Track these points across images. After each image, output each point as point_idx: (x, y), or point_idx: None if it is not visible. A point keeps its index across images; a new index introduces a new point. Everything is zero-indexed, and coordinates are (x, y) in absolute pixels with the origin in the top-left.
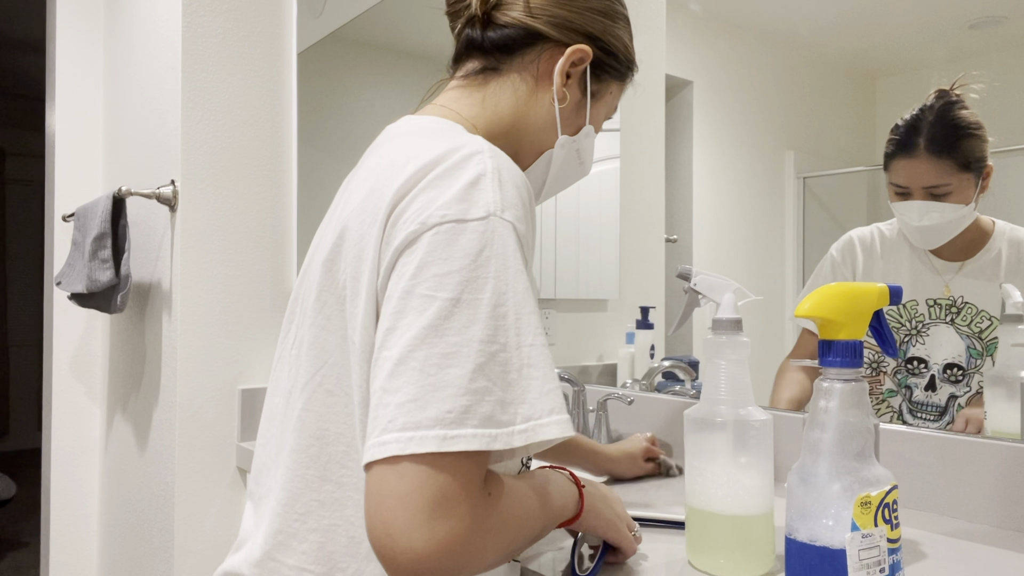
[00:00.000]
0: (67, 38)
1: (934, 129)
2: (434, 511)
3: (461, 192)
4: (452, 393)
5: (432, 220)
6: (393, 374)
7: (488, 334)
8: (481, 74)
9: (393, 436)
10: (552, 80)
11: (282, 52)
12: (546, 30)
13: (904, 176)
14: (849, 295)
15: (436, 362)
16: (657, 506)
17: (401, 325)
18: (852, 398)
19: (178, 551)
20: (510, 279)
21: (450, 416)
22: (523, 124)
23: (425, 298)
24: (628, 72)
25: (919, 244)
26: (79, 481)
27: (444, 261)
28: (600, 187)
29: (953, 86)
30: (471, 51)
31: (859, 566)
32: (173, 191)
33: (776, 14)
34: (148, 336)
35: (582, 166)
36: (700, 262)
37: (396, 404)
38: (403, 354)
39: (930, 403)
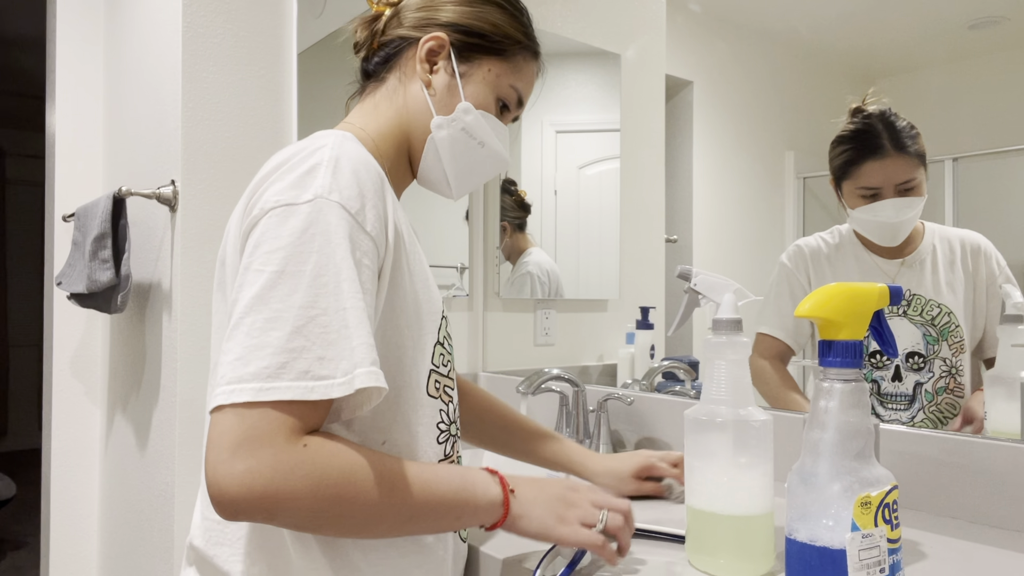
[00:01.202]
0: (67, 38)
1: (891, 131)
2: (236, 450)
3: (296, 180)
4: (271, 352)
5: (268, 205)
6: (228, 338)
7: (309, 300)
8: (370, 87)
9: (220, 389)
10: (415, 75)
11: (282, 52)
12: (406, 33)
13: (877, 177)
14: (849, 295)
15: (260, 326)
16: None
17: (240, 297)
18: (852, 398)
19: (178, 551)
20: (332, 252)
21: (267, 371)
22: (405, 118)
23: (256, 272)
24: (509, 48)
25: (887, 241)
26: (79, 481)
27: (274, 239)
28: (600, 187)
29: (864, 100)
30: (367, 76)
31: (859, 566)
32: (173, 191)
33: (776, 14)
34: (148, 336)
35: (484, 147)
36: (700, 262)
37: (226, 363)
38: (236, 320)
39: (898, 393)
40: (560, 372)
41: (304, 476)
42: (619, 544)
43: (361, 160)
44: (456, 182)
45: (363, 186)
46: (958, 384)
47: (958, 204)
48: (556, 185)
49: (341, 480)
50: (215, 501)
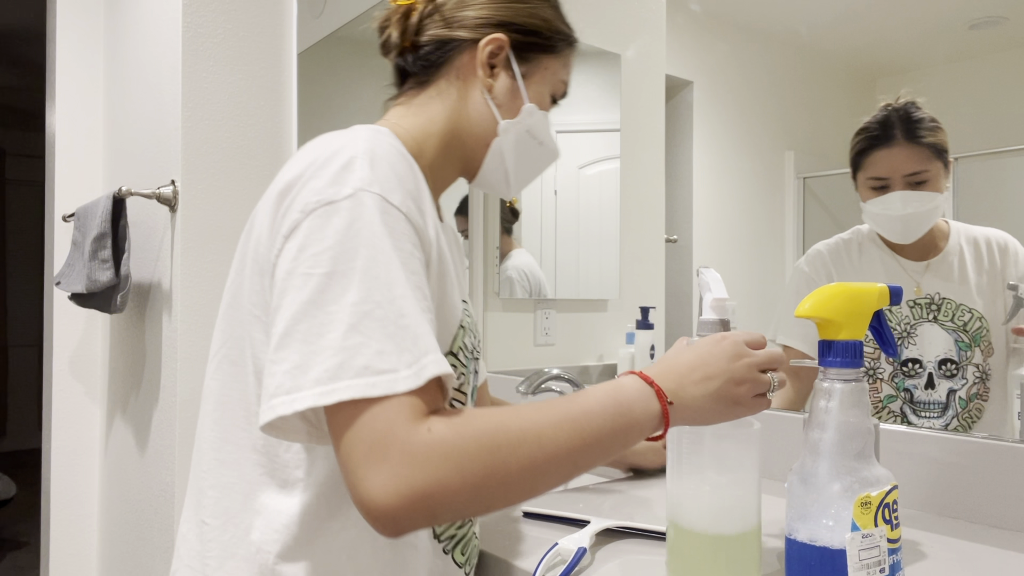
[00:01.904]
0: (67, 38)
1: (906, 122)
2: (367, 462)
3: (333, 175)
4: (328, 355)
5: (309, 206)
6: (279, 347)
7: (361, 296)
8: (412, 90)
9: (280, 400)
10: (476, 76)
11: (282, 52)
12: (459, 34)
13: (884, 166)
14: (849, 295)
15: (316, 331)
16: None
17: (284, 303)
18: (852, 398)
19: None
20: (380, 244)
21: (327, 374)
22: (461, 124)
23: (304, 276)
24: (560, 43)
25: (899, 238)
26: (79, 481)
27: (319, 240)
28: (600, 187)
29: (898, 99)
30: (405, 76)
31: (859, 566)
32: (173, 191)
33: (776, 14)
34: (148, 336)
35: (543, 146)
36: (700, 262)
37: (283, 372)
38: (287, 328)
39: (931, 401)
40: (560, 372)
41: (440, 461)
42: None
43: (397, 152)
44: (516, 181)
45: (401, 178)
46: (987, 388)
47: (958, 204)
48: (556, 185)
49: (483, 451)
50: (372, 521)
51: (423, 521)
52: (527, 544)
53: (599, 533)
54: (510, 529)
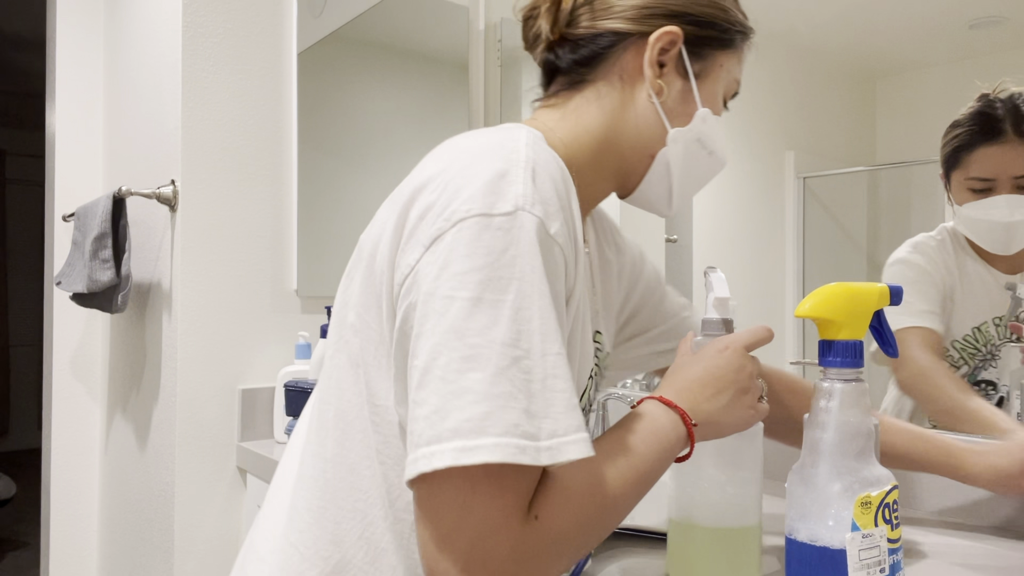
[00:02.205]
0: (67, 38)
1: (1016, 114)
2: (470, 562)
3: (488, 184)
4: (472, 400)
5: (456, 215)
6: (420, 384)
7: (511, 338)
8: (565, 91)
9: (420, 452)
10: (643, 76)
11: (282, 52)
12: (621, 27)
13: (990, 166)
14: (849, 295)
15: (457, 367)
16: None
17: (425, 330)
18: (852, 398)
19: (178, 551)
20: (536, 282)
21: (468, 425)
22: (620, 131)
23: (446, 299)
24: (737, 35)
25: (999, 248)
26: (79, 481)
27: (466, 258)
28: None
29: (995, 90)
30: (554, 74)
31: (859, 566)
32: (173, 191)
33: (776, 14)
34: (148, 336)
35: (712, 156)
36: (700, 262)
37: (422, 417)
38: (427, 363)
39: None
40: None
41: (546, 554)
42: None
43: (558, 167)
44: (679, 197)
45: (562, 200)
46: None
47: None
48: None
49: (579, 531)
50: None
51: None
52: None
53: None
54: None
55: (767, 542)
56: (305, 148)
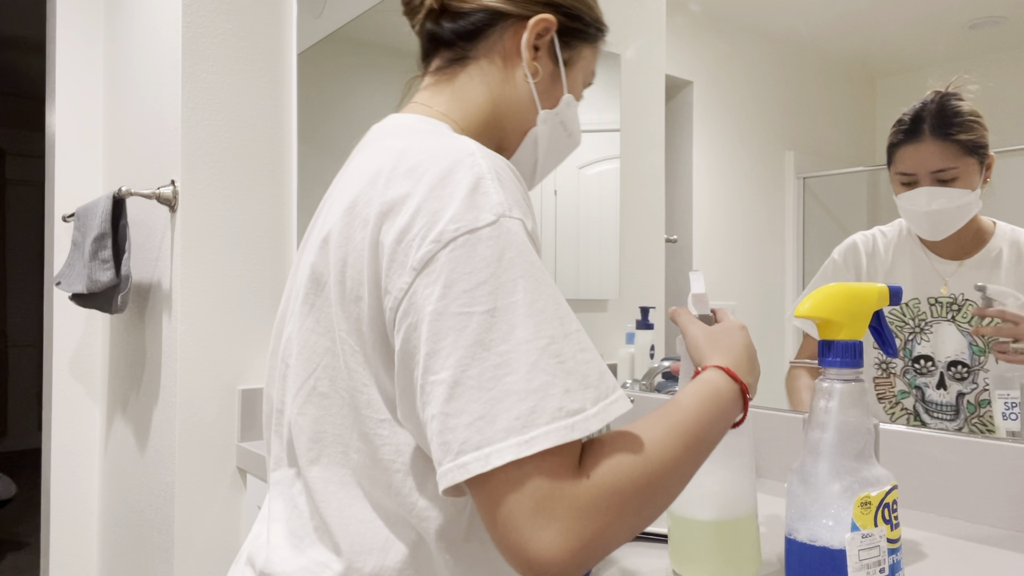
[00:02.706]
0: (67, 38)
1: (937, 116)
2: (534, 521)
3: (465, 200)
4: (516, 400)
5: (445, 236)
6: (451, 397)
7: (532, 333)
8: (449, 67)
9: (471, 456)
10: (521, 57)
11: (282, 52)
12: (504, 7)
13: (911, 162)
14: (849, 295)
15: (491, 375)
16: None
17: (443, 347)
18: (852, 398)
19: (178, 551)
20: (536, 275)
21: (519, 422)
22: (502, 108)
23: (461, 315)
24: (598, 33)
25: (927, 234)
26: (79, 481)
27: (469, 275)
28: (600, 187)
29: (949, 86)
30: (436, 45)
31: (859, 566)
32: (173, 191)
33: (776, 14)
34: (148, 336)
35: (571, 138)
36: (700, 262)
37: (465, 425)
38: (456, 376)
39: (944, 402)
40: None
41: (606, 509)
42: None
43: (510, 167)
44: (541, 172)
45: (526, 197)
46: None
47: None
48: (556, 185)
49: (638, 491)
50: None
51: (586, 567)
52: None
53: None
54: None
55: (767, 544)
56: (305, 148)
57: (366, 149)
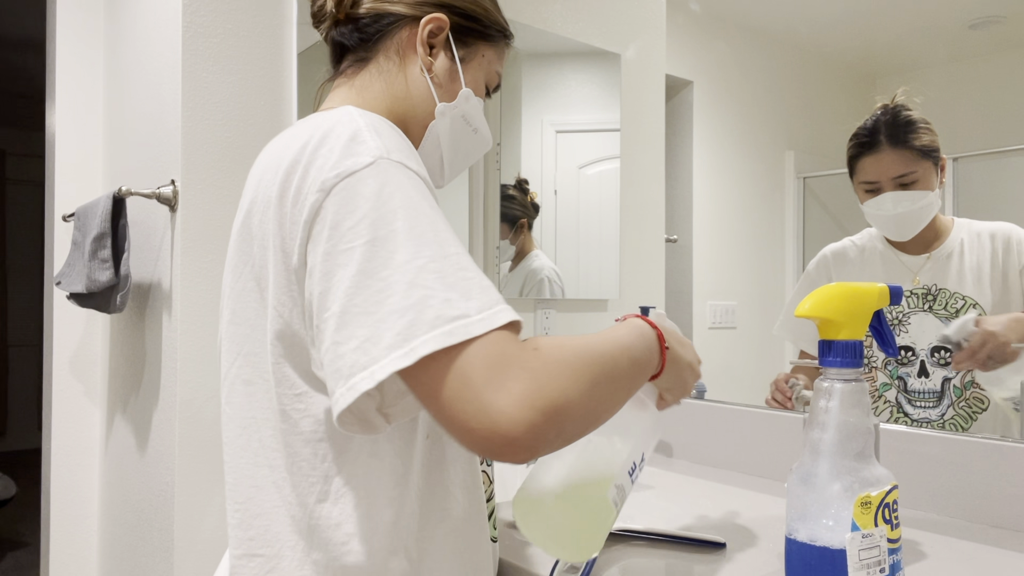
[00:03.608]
0: (67, 38)
1: (892, 126)
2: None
3: (343, 149)
4: (395, 319)
5: (327, 184)
6: (340, 326)
7: (411, 255)
8: (352, 67)
9: (359, 377)
10: (416, 53)
11: (282, 52)
12: (398, 9)
13: (873, 171)
14: (849, 295)
15: (375, 299)
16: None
17: (333, 284)
18: (852, 398)
19: (178, 551)
20: (416, 205)
21: (399, 337)
22: (402, 103)
23: (345, 252)
24: (499, 35)
25: (895, 236)
26: (79, 481)
27: (351, 213)
28: (600, 187)
29: (894, 98)
30: (343, 51)
31: (859, 566)
32: (173, 191)
33: (776, 14)
34: (148, 336)
35: (477, 133)
36: (700, 262)
37: (352, 350)
38: (344, 306)
39: (926, 390)
40: None
41: (559, 374)
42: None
43: (395, 128)
44: (450, 169)
45: (410, 148)
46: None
47: (958, 203)
48: (556, 185)
49: (585, 366)
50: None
51: (554, 437)
52: (531, 550)
53: None
54: (509, 535)
55: (767, 544)
56: None
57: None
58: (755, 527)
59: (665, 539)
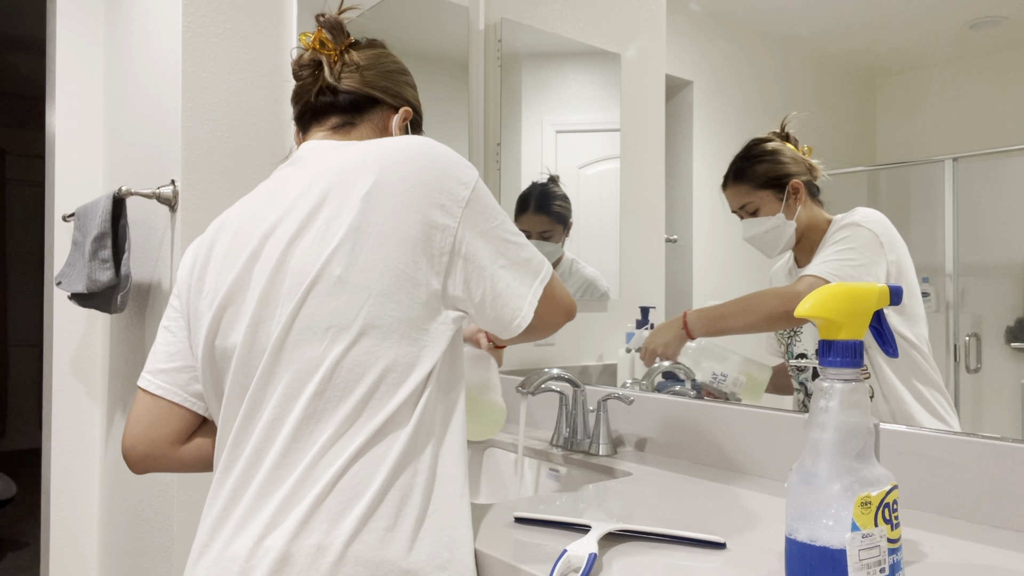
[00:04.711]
0: (67, 38)
1: (735, 162)
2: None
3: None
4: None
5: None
6: (506, 266)
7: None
8: (343, 127)
9: (531, 281)
10: (391, 131)
11: (282, 52)
12: (383, 97)
13: (729, 203)
14: (849, 295)
15: (524, 255)
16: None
17: (494, 244)
18: (852, 398)
19: (178, 551)
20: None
21: (543, 265)
22: None
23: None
24: (422, 124)
25: (764, 254)
26: (79, 481)
27: (486, 201)
28: (600, 187)
29: (783, 125)
30: (329, 110)
31: (859, 566)
32: (173, 191)
33: (776, 14)
34: (148, 336)
35: None
36: (700, 262)
37: (520, 274)
38: (512, 258)
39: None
40: (560, 372)
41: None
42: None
43: None
44: None
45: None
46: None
47: (958, 204)
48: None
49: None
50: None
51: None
52: (531, 550)
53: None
54: (508, 535)
55: (767, 544)
56: None
57: (310, 159)
58: (755, 527)
59: (665, 539)
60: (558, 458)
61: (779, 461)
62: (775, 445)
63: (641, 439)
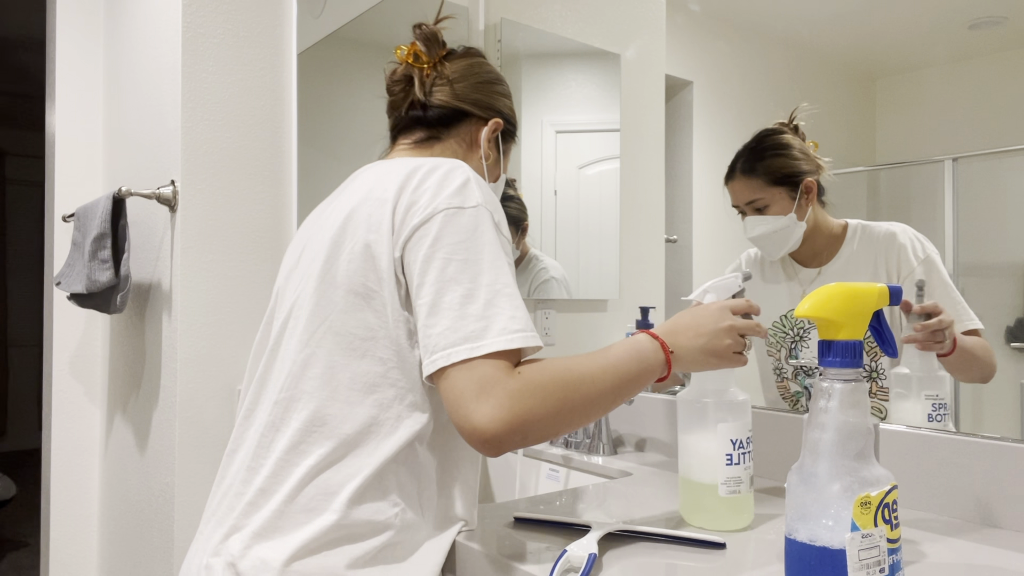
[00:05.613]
0: (67, 38)
1: (745, 154)
2: (479, 398)
3: (457, 189)
4: (473, 319)
5: (440, 207)
6: (430, 313)
7: (491, 280)
8: (427, 141)
9: (440, 354)
10: (479, 144)
11: (282, 52)
12: (472, 110)
13: (733, 197)
14: (849, 295)
15: (459, 302)
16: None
17: (427, 280)
18: (852, 398)
19: (178, 551)
20: (496, 245)
21: (475, 333)
22: None
23: (443, 260)
24: (516, 132)
25: (766, 254)
26: (79, 481)
27: (452, 234)
28: (600, 187)
29: (792, 117)
30: (416, 124)
31: (859, 566)
32: (173, 191)
33: (776, 14)
34: (148, 336)
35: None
36: (700, 262)
37: (436, 334)
38: (434, 299)
39: None
40: None
41: (531, 395)
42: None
43: (486, 184)
44: None
45: (497, 201)
46: (880, 388)
47: (958, 204)
48: (556, 185)
49: (557, 389)
50: (480, 444)
51: (519, 441)
52: (530, 550)
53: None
54: (507, 535)
55: (767, 544)
56: (305, 148)
57: (363, 174)
58: (755, 527)
59: (665, 539)
60: (558, 458)
61: (779, 461)
62: (775, 445)
63: (641, 439)
